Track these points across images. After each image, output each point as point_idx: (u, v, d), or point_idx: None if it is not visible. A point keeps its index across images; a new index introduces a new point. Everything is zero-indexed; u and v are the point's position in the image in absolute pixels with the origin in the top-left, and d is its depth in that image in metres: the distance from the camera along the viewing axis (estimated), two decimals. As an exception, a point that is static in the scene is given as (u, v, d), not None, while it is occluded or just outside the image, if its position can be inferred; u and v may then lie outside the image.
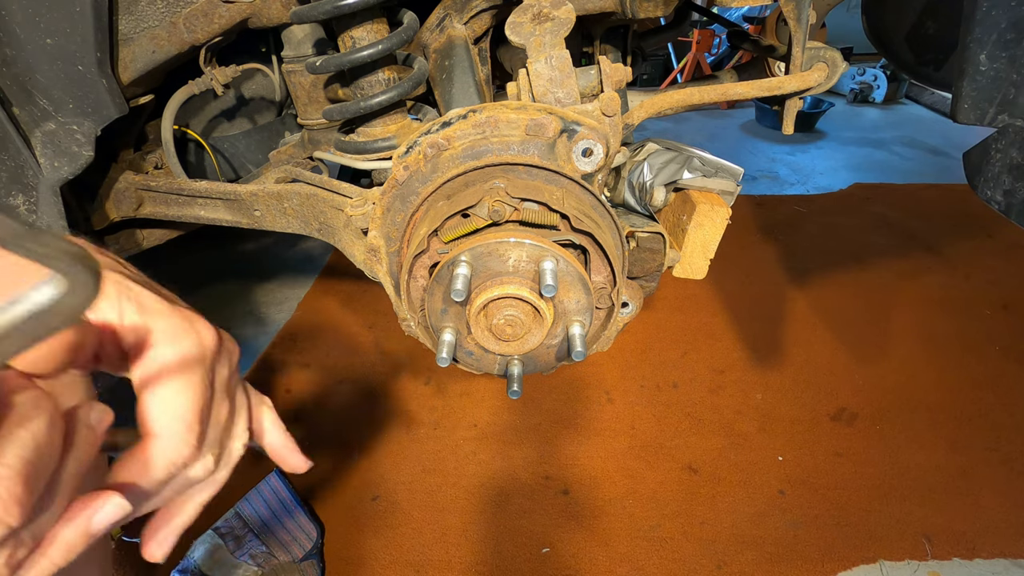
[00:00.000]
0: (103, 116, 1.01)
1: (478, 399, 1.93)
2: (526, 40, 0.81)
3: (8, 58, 0.91)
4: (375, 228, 0.87)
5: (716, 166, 1.04)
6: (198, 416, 0.32)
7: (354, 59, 0.94)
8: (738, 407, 1.88)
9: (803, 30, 0.93)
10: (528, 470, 1.68)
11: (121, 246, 1.44)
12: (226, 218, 1.25)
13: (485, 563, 1.45)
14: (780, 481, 1.63)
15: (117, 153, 1.31)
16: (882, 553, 1.44)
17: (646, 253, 0.97)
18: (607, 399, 1.93)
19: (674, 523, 1.52)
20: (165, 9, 1.04)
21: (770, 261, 2.68)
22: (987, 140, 0.82)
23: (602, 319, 0.86)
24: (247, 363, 2.13)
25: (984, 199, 0.85)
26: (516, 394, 0.78)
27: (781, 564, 1.42)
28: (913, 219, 3.01)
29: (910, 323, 2.24)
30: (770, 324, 2.26)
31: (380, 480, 1.67)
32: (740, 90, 0.98)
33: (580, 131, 0.79)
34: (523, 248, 0.74)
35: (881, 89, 4.97)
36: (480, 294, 0.75)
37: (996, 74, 0.76)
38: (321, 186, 1.12)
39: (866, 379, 1.97)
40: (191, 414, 0.32)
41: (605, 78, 0.85)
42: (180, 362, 0.32)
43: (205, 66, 1.15)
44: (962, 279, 2.50)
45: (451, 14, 1.12)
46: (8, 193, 0.95)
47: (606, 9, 1.11)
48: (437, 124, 0.83)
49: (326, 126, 1.23)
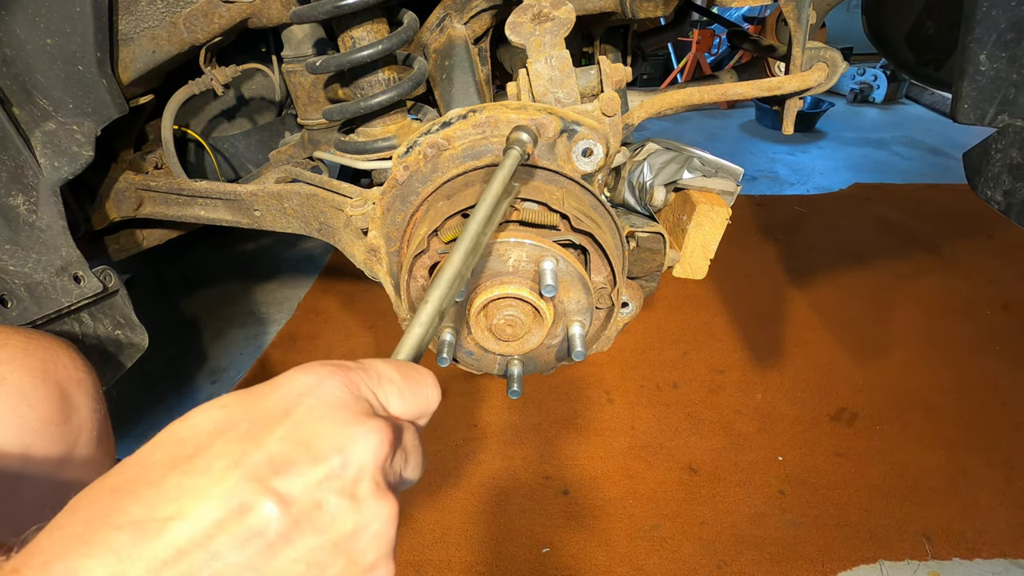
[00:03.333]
0: (103, 116, 1.01)
1: (478, 399, 1.93)
2: (526, 40, 0.81)
3: (8, 58, 0.92)
4: (375, 228, 0.87)
5: (716, 166, 1.04)
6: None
7: (354, 59, 0.94)
8: (738, 407, 1.88)
9: (803, 30, 0.93)
10: (528, 470, 1.68)
11: (121, 246, 1.44)
12: (226, 218, 1.25)
13: (485, 563, 1.44)
14: (780, 481, 1.63)
15: (117, 153, 1.31)
16: (882, 553, 1.44)
17: (646, 253, 0.97)
18: (607, 399, 1.93)
19: (674, 523, 1.52)
20: (165, 9, 1.04)
21: (770, 261, 2.68)
22: (987, 140, 0.82)
23: (602, 319, 0.86)
24: (247, 363, 2.13)
25: (984, 199, 0.85)
26: (516, 394, 0.78)
27: (781, 564, 1.42)
28: (913, 219, 3.01)
29: (910, 323, 2.24)
30: (770, 324, 2.26)
31: (380, 480, 1.67)
32: (740, 90, 0.98)
33: (580, 131, 0.79)
34: (523, 248, 0.74)
35: (881, 89, 4.97)
36: (480, 294, 0.75)
37: (996, 74, 0.76)
38: (321, 186, 1.12)
39: (866, 379, 1.97)
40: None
41: (605, 78, 0.85)
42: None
43: (205, 66, 1.16)
44: (962, 279, 2.50)
45: (451, 14, 1.12)
46: (8, 193, 0.95)
47: (606, 9, 1.11)
48: (437, 124, 0.83)
49: (326, 126, 1.23)
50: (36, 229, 0.99)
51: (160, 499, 0.28)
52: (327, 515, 0.30)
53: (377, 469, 0.32)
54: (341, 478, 0.31)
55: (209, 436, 0.31)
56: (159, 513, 0.28)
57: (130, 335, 1.13)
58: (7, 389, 0.65)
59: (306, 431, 0.31)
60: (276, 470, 0.30)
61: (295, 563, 0.29)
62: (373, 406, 0.35)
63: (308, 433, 0.31)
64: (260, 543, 0.29)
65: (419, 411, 0.39)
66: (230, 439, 0.31)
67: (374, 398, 0.36)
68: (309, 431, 0.31)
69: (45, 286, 1.00)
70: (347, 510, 0.31)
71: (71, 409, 0.70)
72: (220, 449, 0.30)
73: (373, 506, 0.32)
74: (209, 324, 2.34)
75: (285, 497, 0.29)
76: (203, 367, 2.12)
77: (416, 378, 0.39)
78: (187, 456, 0.30)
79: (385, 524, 0.32)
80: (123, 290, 1.12)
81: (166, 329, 2.31)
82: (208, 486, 0.29)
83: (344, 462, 0.31)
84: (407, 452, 0.37)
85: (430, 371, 0.40)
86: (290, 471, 0.30)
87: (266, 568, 0.29)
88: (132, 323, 1.13)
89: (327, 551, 0.30)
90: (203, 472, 0.29)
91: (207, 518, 0.28)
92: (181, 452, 0.30)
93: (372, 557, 0.32)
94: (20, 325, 0.96)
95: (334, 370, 0.34)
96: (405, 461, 0.37)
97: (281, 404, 0.32)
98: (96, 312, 1.09)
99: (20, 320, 0.97)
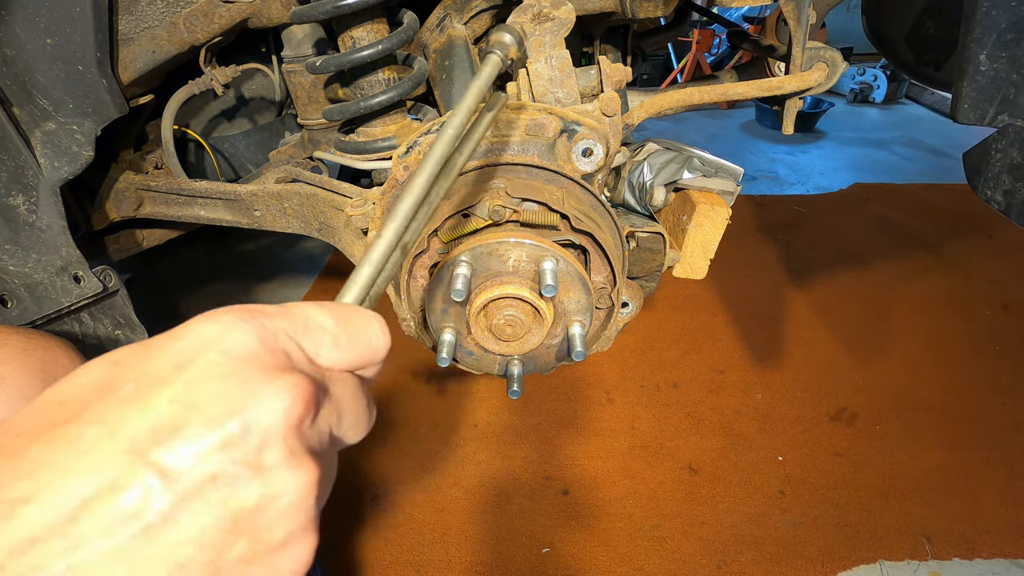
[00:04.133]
0: (103, 116, 1.01)
1: (478, 399, 1.93)
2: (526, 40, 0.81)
3: (8, 58, 0.92)
4: (375, 228, 0.87)
5: (716, 166, 1.04)
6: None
7: (354, 59, 0.94)
8: (738, 407, 1.88)
9: (803, 30, 0.93)
10: (528, 470, 1.68)
11: (121, 246, 1.44)
12: (226, 218, 1.25)
13: (485, 563, 1.44)
14: (780, 481, 1.63)
15: (117, 153, 1.31)
16: (882, 553, 1.44)
17: (646, 253, 0.97)
18: (607, 399, 1.93)
19: (674, 523, 1.52)
20: (165, 9, 1.04)
21: (770, 261, 2.68)
22: (987, 140, 0.82)
23: (602, 319, 0.86)
24: (247, 363, 2.13)
25: (984, 199, 0.85)
26: (516, 394, 0.78)
27: (781, 564, 1.42)
28: (913, 219, 3.01)
29: (910, 323, 2.24)
30: (770, 324, 2.26)
31: (380, 480, 1.67)
32: (740, 90, 0.98)
33: (580, 131, 0.79)
34: (523, 248, 0.74)
35: (881, 89, 4.97)
36: (480, 294, 0.75)
37: (996, 74, 0.76)
38: (321, 186, 1.12)
39: (866, 379, 1.97)
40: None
41: (605, 78, 0.85)
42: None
43: (205, 66, 1.15)
44: (962, 279, 2.50)
45: (451, 14, 1.12)
46: (8, 193, 0.95)
47: (606, 9, 1.11)
48: (437, 124, 0.83)
49: (326, 126, 1.23)
50: (36, 229, 0.99)
51: (13, 476, 0.24)
52: (222, 489, 0.26)
53: (289, 432, 0.28)
54: (241, 446, 0.26)
55: (88, 398, 0.27)
56: (9, 493, 0.24)
57: (130, 335, 1.13)
58: (6, 389, 0.65)
59: (202, 391, 0.27)
60: (159, 439, 0.25)
61: (182, 546, 0.25)
62: (293, 358, 0.30)
63: (204, 394, 0.27)
64: (135, 526, 0.24)
65: (360, 360, 0.34)
66: (109, 402, 0.26)
67: (296, 349, 0.31)
68: (205, 391, 0.27)
69: (45, 286, 1.00)
70: (249, 482, 0.27)
71: None
72: (96, 414, 0.26)
73: (283, 475, 0.27)
74: (209, 324, 2.34)
75: (168, 471, 0.25)
76: (203, 367, 2.12)
77: (356, 322, 0.34)
78: (59, 422, 0.26)
79: (300, 494, 0.28)
80: (123, 290, 1.12)
81: (166, 329, 2.30)
82: (73, 459, 0.24)
83: (245, 426, 0.27)
84: (341, 408, 0.32)
85: (377, 314, 0.36)
86: (176, 439, 0.25)
87: (143, 555, 0.24)
88: (132, 323, 1.13)
89: (224, 530, 0.26)
90: (71, 443, 0.25)
91: (68, 499, 0.24)
92: (55, 417, 0.26)
93: (282, 533, 0.28)
94: (20, 325, 0.96)
95: (246, 316, 0.29)
96: (339, 419, 0.32)
97: (177, 359, 0.28)
98: (96, 312, 1.09)
99: (20, 320, 0.97)
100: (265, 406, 0.27)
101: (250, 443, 0.27)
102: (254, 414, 0.27)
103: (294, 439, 0.28)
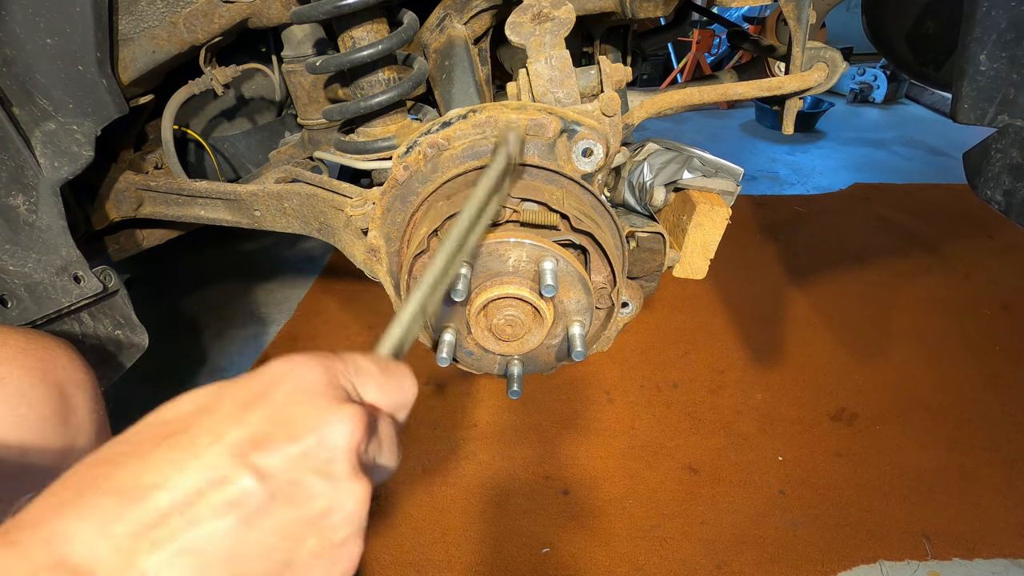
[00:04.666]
0: (103, 116, 1.01)
1: (478, 399, 1.93)
2: (526, 40, 0.81)
3: (8, 58, 0.92)
4: (375, 228, 0.87)
5: (716, 166, 1.04)
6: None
7: (354, 59, 0.94)
8: (738, 407, 1.88)
9: (803, 30, 0.93)
10: (528, 470, 1.68)
11: (121, 246, 1.44)
12: (226, 218, 1.25)
13: (485, 563, 1.44)
14: (780, 481, 1.63)
15: (117, 153, 1.31)
16: (882, 553, 1.44)
17: (646, 253, 0.97)
18: (607, 399, 1.93)
19: (674, 523, 1.52)
20: (165, 9, 1.04)
21: (770, 261, 2.68)
22: (987, 140, 0.82)
23: (602, 319, 0.86)
24: (247, 363, 2.13)
25: (984, 199, 0.85)
26: (516, 394, 0.78)
27: (781, 564, 1.42)
28: (913, 219, 3.01)
29: (910, 323, 2.24)
30: (770, 324, 2.26)
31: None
32: (740, 90, 0.98)
33: (580, 131, 0.79)
34: (523, 248, 0.74)
35: (881, 89, 4.97)
36: (480, 294, 0.75)
37: (996, 74, 0.76)
38: (321, 186, 1.12)
39: (866, 379, 1.97)
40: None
41: (605, 78, 0.85)
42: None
43: (205, 66, 1.15)
44: (962, 279, 2.50)
45: (451, 14, 1.12)
46: (8, 193, 0.95)
47: (606, 9, 1.11)
48: (437, 124, 0.83)
49: (326, 126, 1.23)
50: (36, 229, 0.99)
51: (145, 469, 0.31)
52: (303, 492, 0.32)
53: (351, 451, 0.34)
54: (317, 457, 0.33)
55: (193, 416, 0.33)
56: (144, 481, 0.30)
57: (130, 335, 1.13)
58: (6, 389, 0.65)
59: (285, 413, 0.33)
60: (256, 446, 0.32)
61: (271, 534, 0.31)
62: (350, 394, 0.37)
63: (287, 415, 0.33)
64: (239, 513, 0.30)
65: (396, 404, 0.41)
66: (214, 419, 0.33)
67: (351, 387, 0.38)
68: (288, 413, 0.33)
69: (45, 286, 1.00)
70: (322, 488, 0.33)
71: (70, 409, 0.70)
72: (204, 427, 0.32)
73: (346, 486, 0.33)
74: (209, 324, 2.34)
75: (264, 472, 0.31)
76: (203, 367, 2.12)
77: (393, 372, 0.41)
78: (172, 433, 0.32)
79: (357, 504, 0.34)
80: (123, 290, 1.12)
81: (166, 329, 2.31)
82: (191, 459, 0.31)
83: (320, 442, 0.33)
84: (381, 441, 0.39)
85: (407, 367, 0.43)
86: (269, 448, 0.32)
87: (244, 536, 0.31)
88: (132, 323, 1.13)
89: (302, 525, 0.32)
90: (187, 447, 0.31)
91: (188, 487, 0.30)
92: (167, 430, 0.33)
93: (343, 534, 0.34)
94: (20, 325, 0.96)
95: (313, 359, 0.36)
96: (380, 449, 0.39)
97: (262, 389, 0.34)
98: (96, 312, 1.09)
99: (20, 320, 0.97)
100: (334, 427, 0.33)
101: (323, 456, 0.33)
102: (326, 432, 0.33)
103: (354, 457, 0.34)
